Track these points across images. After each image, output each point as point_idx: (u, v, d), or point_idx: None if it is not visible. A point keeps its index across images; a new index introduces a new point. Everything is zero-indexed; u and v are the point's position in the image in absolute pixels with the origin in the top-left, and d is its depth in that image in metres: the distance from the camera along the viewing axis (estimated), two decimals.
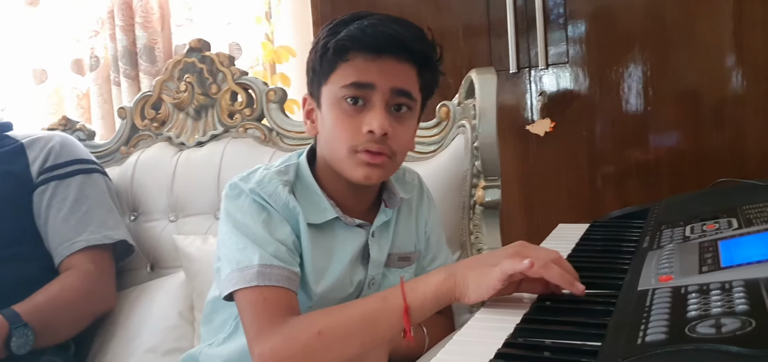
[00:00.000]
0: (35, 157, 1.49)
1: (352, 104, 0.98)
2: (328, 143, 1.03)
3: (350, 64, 0.97)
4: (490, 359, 0.65)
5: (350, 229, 1.07)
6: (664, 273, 0.77)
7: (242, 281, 0.95)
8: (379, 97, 0.98)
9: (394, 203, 1.12)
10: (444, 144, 1.47)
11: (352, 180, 1.01)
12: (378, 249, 1.09)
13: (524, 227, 2.11)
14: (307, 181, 1.06)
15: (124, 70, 2.62)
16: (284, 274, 0.96)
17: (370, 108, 0.98)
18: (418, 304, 0.91)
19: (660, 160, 1.97)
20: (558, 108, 2.04)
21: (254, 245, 0.97)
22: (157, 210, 1.69)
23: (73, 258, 1.42)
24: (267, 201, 1.01)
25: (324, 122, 1.02)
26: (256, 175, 1.04)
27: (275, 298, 0.94)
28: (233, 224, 1.01)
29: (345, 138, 0.98)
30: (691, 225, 0.99)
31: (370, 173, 1.00)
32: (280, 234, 0.99)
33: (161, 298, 1.52)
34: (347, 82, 0.97)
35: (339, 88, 0.98)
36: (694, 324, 0.57)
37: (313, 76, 1.04)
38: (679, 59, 1.90)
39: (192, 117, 1.72)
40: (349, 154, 0.99)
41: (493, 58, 2.09)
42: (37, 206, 1.46)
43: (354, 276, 1.07)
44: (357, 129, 0.98)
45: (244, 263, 0.96)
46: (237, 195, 1.02)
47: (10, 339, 1.25)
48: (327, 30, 1.01)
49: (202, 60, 1.69)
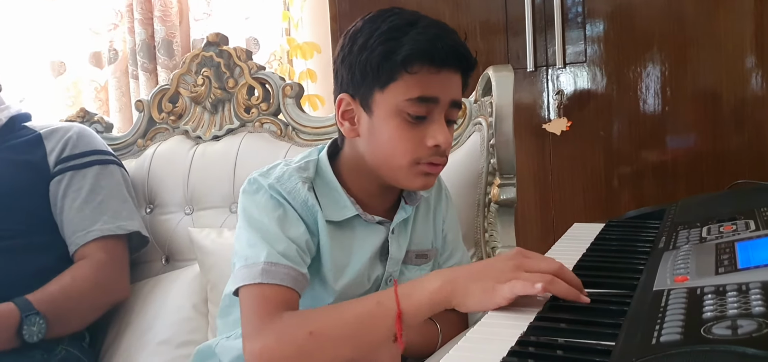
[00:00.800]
0: (53, 147, 1.50)
1: (415, 119, 0.97)
2: (381, 151, 1.01)
3: (415, 77, 0.96)
4: (503, 357, 0.65)
5: (370, 226, 1.07)
6: (680, 274, 0.77)
7: (248, 277, 0.95)
8: (440, 111, 0.98)
9: (414, 201, 1.12)
10: (460, 141, 1.47)
11: (407, 188, 1.04)
12: (397, 246, 1.10)
13: (539, 226, 2.11)
14: (327, 177, 1.06)
15: (142, 64, 2.63)
16: (290, 274, 0.95)
17: (431, 121, 0.98)
18: (413, 311, 0.89)
19: (677, 161, 1.96)
20: (575, 107, 2.03)
21: (263, 242, 0.97)
22: (173, 203, 1.70)
23: (87, 247, 1.43)
24: (285, 197, 1.01)
25: (375, 130, 1.00)
26: (275, 171, 1.04)
27: (276, 297, 0.94)
28: (247, 219, 1.01)
29: (408, 150, 0.98)
30: (707, 227, 0.98)
31: (429, 182, 1.02)
32: (294, 232, 0.99)
33: (176, 291, 1.53)
34: (412, 95, 0.96)
35: (403, 101, 0.96)
36: (710, 325, 0.57)
37: (362, 78, 0.99)
38: (698, 59, 1.89)
39: (209, 111, 1.73)
40: (410, 165, 0.99)
41: (510, 56, 2.08)
42: (53, 195, 1.47)
43: (372, 272, 1.08)
44: (420, 142, 0.98)
45: (251, 259, 0.96)
46: (255, 191, 1.03)
47: (22, 327, 1.26)
48: (380, 35, 0.97)
49: (219, 54, 1.69)
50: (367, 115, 1.00)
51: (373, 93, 0.98)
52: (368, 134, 1.01)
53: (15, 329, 1.25)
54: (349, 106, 1.02)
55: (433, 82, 0.96)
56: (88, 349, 1.48)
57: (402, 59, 0.95)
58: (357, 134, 1.03)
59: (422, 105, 0.97)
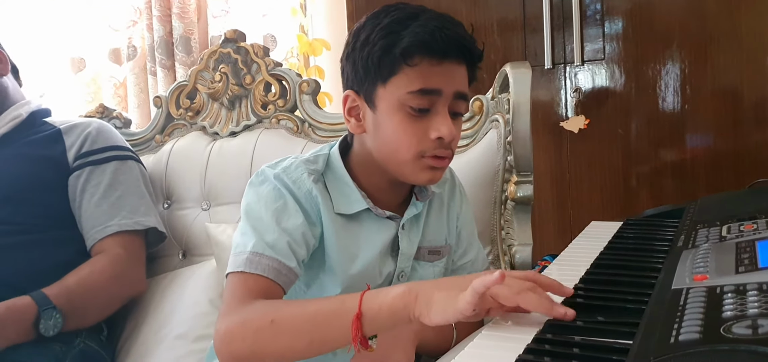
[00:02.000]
0: (72, 143, 1.51)
1: (419, 112, 0.97)
2: (386, 146, 1.01)
3: (416, 69, 0.95)
4: (519, 354, 0.64)
5: (380, 221, 1.07)
6: (699, 273, 0.76)
7: (233, 265, 0.96)
8: (444, 103, 0.97)
9: (425, 196, 1.12)
10: (477, 138, 1.46)
11: (414, 182, 1.03)
12: (408, 241, 1.09)
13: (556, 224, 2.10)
14: (338, 172, 1.06)
15: (161, 60, 2.64)
16: (273, 265, 0.95)
17: (435, 114, 0.97)
18: (372, 314, 0.84)
19: (697, 160, 1.94)
20: (593, 105, 2.02)
21: (253, 231, 0.98)
22: (191, 199, 1.71)
23: (104, 242, 1.44)
24: (290, 187, 1.01)
25: (380, 125, 1.00)
26: (284, 163, 1.05)
27: (255, 287, 0.94)
28: (245, 210, 1.02)
29: (411, 144, 0.97)
30: (727, 225, 0.97)
31: (435, 176, 1.01)
32: (290, 223, 0.99)
33: (192, 285, 1.54)
34: (414, 88, 0.95)
35: (405, 94, 0.96)
36: (730, 324, 0.56)
37: (365, 74, 0.99)
38: (718, 57, 1.87)
39: (226, 107, 1.73)
40: (415, 159, 0.98)
41: (528, 54, 2.07)
42: (72, 190, 1.48)
43: (383, 267, 1.08)
44: (423, 135, 0.97)
45: (239, 248, 0.97)
46: (260, 183, 1.04)
47: (39, 321, 1.27)
48: (381, 29, 0.97)
49: (237, 51, 1.70)
50: (372, 110, 1.00)
51: (376, 88, 0.98)
52: (374, 129, 1.01)
53: (32, 323, 1.26)
54: (355, 102, 1.03)
55: (434, 74, 0.96)
56: (106, 343, 1.49)
57: (401, 51, 0.94)
58: (363, 130, 1.03)
59: (424, 97, 0.96)
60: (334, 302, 0.90)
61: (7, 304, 1.25)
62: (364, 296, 0.85)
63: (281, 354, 0.90)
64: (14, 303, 1.26)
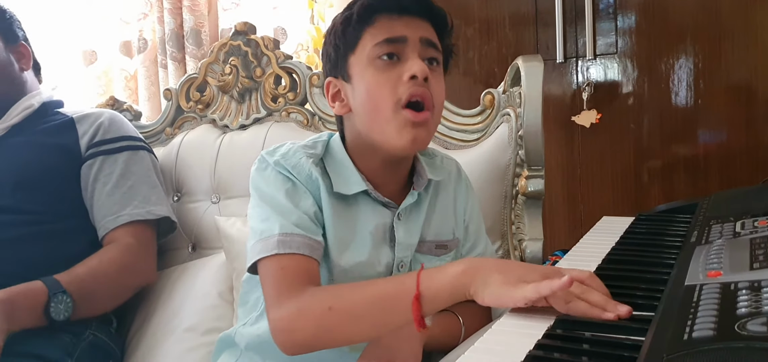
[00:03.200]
0: (85, 132, 1.52)
1: (388, 59, 0.99)
2: (366, 110, 1.02)
3: (376, 26, 0.99)
4: (529, 349, 0.64)
5: (376, 207, 1.07)
6: (712, 269, 0.75)
7: (264, 250, 0.96)
8: (412, 48, 0.99)
9: (421, 184, 1.10)
10: (487, 132, 1.45)
11: (397, 148, 1.00)
12: (404, 231, 1.08)
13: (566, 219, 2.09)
14: (338, 155, 1.07)
15: (171, 53, 2.65)
16: (305, 242, 0.97)
17: (405, 59, 0.99)
18: (432, 294, 0.86)
19: (709, 155, 1.92)
20: (605, 99, 2.01)
21: (276, 215, 0.98)
22: (200, 191, 1.71)
23: (116, 232, 1.45)
24: (290, 172, 1.02)
25: (357, 92, 1.02)
26: (282, 149, 1.06)
27: (294, 266, 0.95)
28: (259, 195, 1.03)
29: (387, 93, 0.98)
30: (742, 221, 0.96)
31: (417, 135, 0.99)
32: (303, 204, 1.00)
33: (202, 278, 1.54)
34: (379, 39, 0.99)
35: (371, 48, 0.99)
36: (745, 321, 0.55)
37: (336, 54, 1.04)
38: (733, 52, 1.85)
39: (236, 100, 1.73)
40: (393, 111, 0.98)
41: (539, 47, 2.06)
42: (84, 180, 1.49)
43: (381, 256, 1.06)
44: (397, 80, 0.98)
45: (266, 233, 0.97)
46: (263, 168, 1.05)
47: (49, 305, 1.27)
48: (342, 13, 1.04)
49: (247, 43, 1.70)
50: (349, 84, 1.03)
51: (348, 60, 1.02)
52: (353, 100, 1.03)
53: (43, 307, 1.27)
54: (336, 87, 1.06)
55: (396, 24, 0.99)
56: (116, 335, 1.50)
57: (359, 16, 0.99)
58: (348, 109, 1.05)
59: (390, 44, 0.99)
60: (393, 284, 0.91)
61: (17, 288, 1.25)
62: (421, 276, 0.86)
63: (345, 339, 0.93)
64: (26, 287, 1.27)
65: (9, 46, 1.53)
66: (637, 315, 0.70)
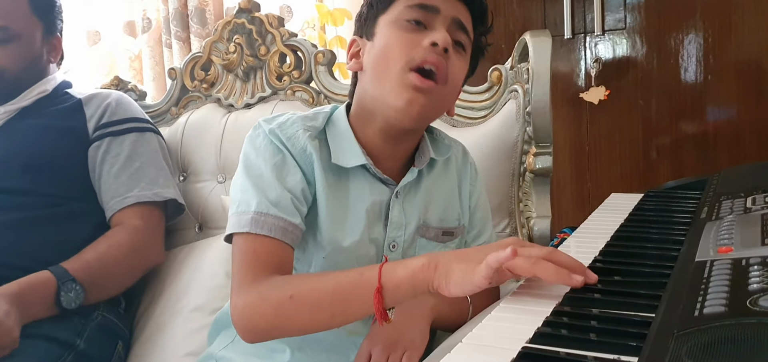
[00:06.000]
0: (92, 113, 1.52)
1: (415, 24, 0.97)
2: (375, 67, 0.99)
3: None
4: (538, 326, 0.63)
5: (374, 183, 1.04)
6: (723, 245, 0.74)
7: (238, 225, 0.94)
8: (441, 21, 0.97)
9: (422, 162, 1.07)
10: (495, 109, 1.44)
11: (393, 109, 0.97)
12: (400, 210, 1.05)
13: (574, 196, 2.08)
14: (341, 126, 1.05)
15: (176, 32, 2.63)
16: (279, 225, 0.94)
17: (432, 29, 0.97)
18: (393, 286, 0.84)
19: (718, 132, 1.91)
20: (613, 76, 1.99)
21: (255, 189, 0.96)
22: (206, 171, 1.70)
23: (123, 213, 1.45)
24: (285, 143, 0.99)
25: (374, 49, 1.00)
26: (280, 118, 1.03)
27: (265, 252, 0.93)
28: (245, 164, 1.00)
29: (401, 52, 0.96)
30: (752, 197, 0.95)
31: (414, 98, 0.95)
32: (290, 181, 0.98)
33: (209, 258, 1.54)
34: (412, 2, 0.97)
35: (402, 9, 0.97)
36: (757, 297, 0.55)
37: (368, 12, 1.02)
38: (743, 27, 1.83)
39: (241, 78, 1.72)
40: (401, 72, 0.95)
41: (547, 23, 2.04)
42: (91, 161, 1.49)
43: (372, 234, 1.04)
44: (416, 43, 0.95)
45: (242, 207, 0.95)
46: (256, 136, 1.02)
47: (60, 294, 1.27)
48: None
49: (251, 21, 1.68)
50: (371, 41, 1.01)
51: (377, 20, 1.00)
52: (368, 58, 1.01)
53: (53, 297, 1.27)
54: (358, 46, 1.04)
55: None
56: (124, 315, 1.50)
57: None
58: (361, 67, 1.03)
59: (421, 10, 0.97)
60: (353, 275, 0.88)
61: (27, 280, 1.26)
62: (383, 268, 0.84)
63: (303, 328, 0.92)
64: (34, 279, 1.27)
65: (46, 38, 1.55)
66: (647, 292, 0.69)
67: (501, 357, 0.57)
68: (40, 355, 1.24)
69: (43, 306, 1.27)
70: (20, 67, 1.49)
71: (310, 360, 1.07)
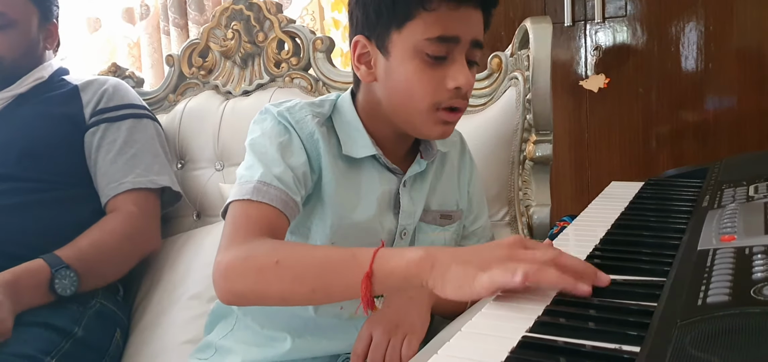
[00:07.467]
0: (89, 100, 1.51)
1: (434, 58, 0.93)
2: (398, 95, 0.97)
3: (433, 14, 0.91)
4: (538, 316, 0.62)
5: (383, 172, 1.05)
6: (726, 233, 0.73)
7: (238, 194, 0.92)
8: (461, 51, 0.94)
9: (429, 155, 1.09)
10: (495, 97, 1.43)
11: (424, 136, 1.00)
12: (409, 199, 1.07)
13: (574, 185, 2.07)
14: (348, 116, 1.04)
15: (174, 19, 2.62)
16: (281, 196, 0.92)
17: (452, 62, 0.94)
18: (384, 274, 0.79)
19: (719, 120, 1.90)
20: (613, 63, 1.98)
21: (260, 163, 0.94)
22: (204, 159, 1.70)
23: (118, 198, 1.44)
24: (293, 125, 0.99)
25: (392, 72, 0.96)
26: (289, 103, 1.03)
27: (260, 216, 0.90)
28: (250, 143, 0.99)
29: (427, 93, 0.94)
30: (755, 185, 0.94)
31: (447, 130, 0.99)
32: (294, 161, 0.96)
33: (207, 246, 1.53)
34: (432, 34, 0.92)
35: (421, 40, 0.92)
36: (761, 286, 0.54)
37: (377, 18, 0.96)
38: (745, 15, 1.82)
39: (239, 65, 1.71)
40: (429, 110, 0.95)
41: (547, 10, 2.03)
42: (88, 147, 1.48)
43: (384, 222, 1.05)
44: (439, 84, 0.94)
45: (245, 178, 0.94)
46: (263, 119, 1.01)
47: (54, 281, 1.27)
48: None
49: (249, 7, 1.67)
50: (384, 57, 0.97)
51: (390, 33, 0.95)
52: (385, 77, 0.98)
53: (47, 284, 1.26)
54: (365, 48, 0.99)
55: (452, 20, 0.92)
56: (122, 302, 1.50)
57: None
58: (374, 78, 0.99)
59: (442, 44, 0.92)
60: (345, 253, 0.84)
61: (19, 269, 1.25)
62: (377, 254, 0.80)
63: (282, 297, 0.86)
64: (27, 267, 1.26)
65: (42, 25, 1.54)
66: (648, 280, 0.68)
67: (501, 346, 0.56)
68: (37, 343, 1.24)
69: (37, 294, 1.26)
70: (17, 53, 1.48)
71: (311, 347, 1.07)
